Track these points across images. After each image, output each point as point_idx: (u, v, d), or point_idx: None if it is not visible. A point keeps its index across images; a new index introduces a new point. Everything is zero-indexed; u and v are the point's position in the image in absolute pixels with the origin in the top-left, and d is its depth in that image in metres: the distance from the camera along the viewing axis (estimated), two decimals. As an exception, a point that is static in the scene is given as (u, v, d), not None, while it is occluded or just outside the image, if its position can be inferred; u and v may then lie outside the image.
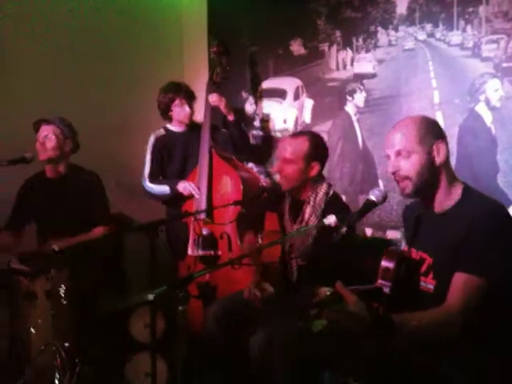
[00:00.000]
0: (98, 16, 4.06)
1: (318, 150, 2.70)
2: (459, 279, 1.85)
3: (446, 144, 1.98)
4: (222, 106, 3.58)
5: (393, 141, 1.99)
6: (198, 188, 3.45)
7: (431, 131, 1.97)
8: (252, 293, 2.64)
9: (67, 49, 3.92)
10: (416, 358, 1.86)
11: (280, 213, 2.83)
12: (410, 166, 1.95)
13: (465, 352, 1.84)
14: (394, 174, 1.99)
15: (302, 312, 1.77)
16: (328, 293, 1.71)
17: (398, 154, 1.97)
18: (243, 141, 3.72)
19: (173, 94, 3.64)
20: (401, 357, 1.87)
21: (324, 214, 2.58)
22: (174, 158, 3.72)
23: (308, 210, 2.69)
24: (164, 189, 3.61)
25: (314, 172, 2.69)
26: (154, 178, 3.67)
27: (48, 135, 3.26)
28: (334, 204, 2.68)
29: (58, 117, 3.34)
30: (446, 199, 1.98)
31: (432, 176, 1.96)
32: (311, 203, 2.69)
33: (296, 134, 2.88)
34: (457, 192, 1.97)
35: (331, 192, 2.72)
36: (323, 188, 2.71)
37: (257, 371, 2.51)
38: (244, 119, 4.08)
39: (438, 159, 1.95)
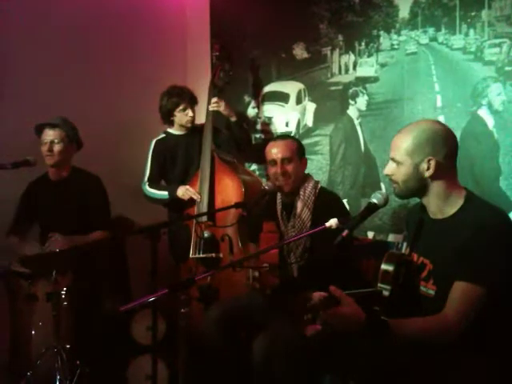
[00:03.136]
0: (101, 18, 4.06)
1: (302, 147, 2.93)
2: (459, 288, 1.84)
3: (447, 156, 1.93)
4: (222, 109, 3.57)
5: (392, 145, 2.02)
6: (199, 193, 3.45)
7: (427, 145, 1.93)
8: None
9: (69, 52, 3.93)
10: (414, 362, 1.86)
11: (273, 216, 2.90)
12: (397, 173, 1.99)
13: (463, 357, 1.83)
14: (386, 175, 2.06)
15: (297, 317, 1.77)
16: (322, 297, 1.70)
17: (392, 159, 2.01)
18: (245, 140, 3.72)
19: (177, 98, 3.61)
20: (399, 360, 1.86)
21: (317, 207, 2.77)
22: (177, 160, 3.70)
23: (299, 205, 2.81)
24: (163, 194, 3.58)
25: (304, 167, 2.91)
26: (153, 183, 3.64)
27: (55, 140, 3.27)
28: (325, 197, 2.84)
29: (61, 118, 3.33)
30: (446, 206, 1.97)
31: (418, 186, 1.97)
32: (301, 197, 2.81)
33: (280, 137, 3.02)
34: (459, 199, 1.96)
35: (319, 186, 2.88)
36: (311, 182, 2.86)
37: (259, 374, 2.51)
38: (246, 122, 4.09)
39: (427, 173, 1.94)
